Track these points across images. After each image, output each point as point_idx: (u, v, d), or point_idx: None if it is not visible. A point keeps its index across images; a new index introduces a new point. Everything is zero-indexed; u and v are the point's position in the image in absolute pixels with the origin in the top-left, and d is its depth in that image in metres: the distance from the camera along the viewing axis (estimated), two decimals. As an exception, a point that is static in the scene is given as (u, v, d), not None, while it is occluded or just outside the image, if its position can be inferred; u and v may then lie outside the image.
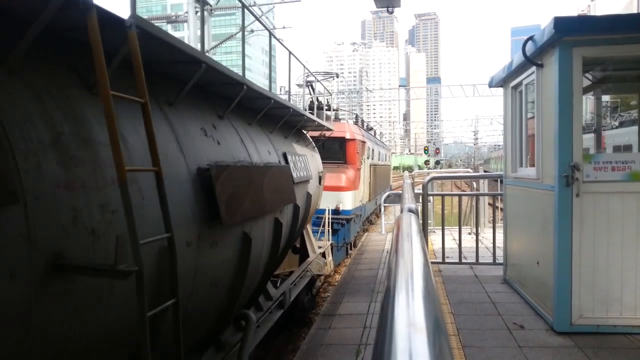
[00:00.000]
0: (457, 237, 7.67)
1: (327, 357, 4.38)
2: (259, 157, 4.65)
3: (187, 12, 11.63)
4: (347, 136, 12.98)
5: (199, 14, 10.72)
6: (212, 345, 3.85)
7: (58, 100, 2.15)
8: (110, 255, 2.10)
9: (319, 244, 8.95)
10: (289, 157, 5.78)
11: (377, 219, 14.03)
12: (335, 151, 12.34)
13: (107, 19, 2.19)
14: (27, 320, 1.80)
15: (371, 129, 24.01)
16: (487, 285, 6.21)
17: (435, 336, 0.80)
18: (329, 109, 11.26)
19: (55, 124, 2.06)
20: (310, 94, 10.61)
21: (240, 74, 3.82)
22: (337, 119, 14.25)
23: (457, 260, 7.31)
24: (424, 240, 1.76)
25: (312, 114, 7.87)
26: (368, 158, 15.83)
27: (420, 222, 3.64)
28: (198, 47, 10.17)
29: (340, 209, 12.20)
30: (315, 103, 10.11)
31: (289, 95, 7.48)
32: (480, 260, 7.20)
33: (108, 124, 2.12)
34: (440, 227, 7.87)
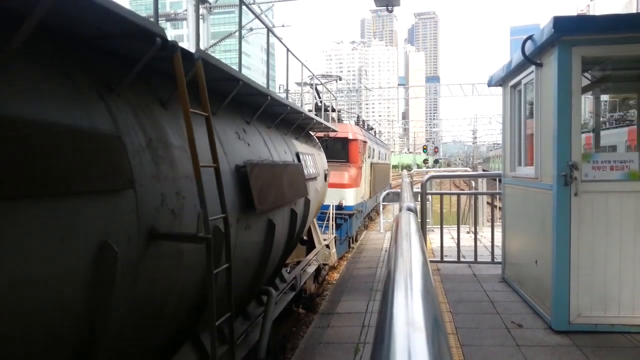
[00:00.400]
0: (455, 236, 7.68)
1: (326, 355, 4.38)
2: (278, 156, 5.38)
3: (186, 10, 11.61)
4: (350, 136, 13.64)
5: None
6: (241, 315, 4.49)
7: (147, 114, 2.90)
8: (183, 228, 2.92)
9: (323, 237, 9.46)
10: (301, 157, 6.49)
11: (377, 216, 14.16)
12: (338, 150, 12.97)
13: (174, 47, 2.82)
14: (136, 271, 2.53)
15: (371, 128, 24.89)
16: (486, 284, 6.22)
17: (434, 335, 0.80)
18: (332, 111, 11.84)
19: (147, 132, 2.80)
20: (315, 97, 11.11)
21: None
22: (339, 120, 14.79)
23: (455, 259, 7.32)
24: (423, 239, 1.76)
25: (318, 115, 8.48)
26: (369, 157, 16.48)
27: (419, 220, 3.64)
28: (200, 45, 10.14)
29: (343, 204, 12.89)
30: (322, 105, 10.55)
31: (287, 93, 7.50)
32: (478, 259, 7.21)
33: (187, 132, 2.85)
34: (439, 226, 7.88)
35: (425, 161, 51.47)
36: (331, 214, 11.09)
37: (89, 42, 2.64)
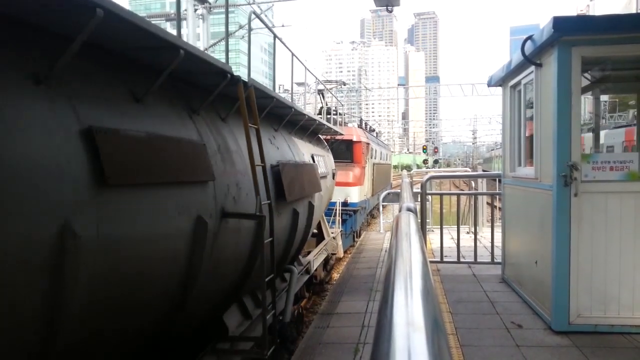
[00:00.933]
0: (455, 237, 7.68)
1: (325, 355, 4.38)
2: (299, 157, 6.44)
3: (186, 10, 11.62)
4: (354, 139, 14.73)
5: (198, 12, 10.70)
6: (269, 288, 5.22)
7: (215, 127, 4.02)
8: (240, 210, 3.98)
9: (331, 231, 10.53)
10: (315, 158, 7.60)
11: (378, 214, 14.38)
12: (343, 152, 13.87)
13: (238, 80, 3.94)
14: (215, 238, 3.55)
15: (373, 130, 26.27)
16: (485, 284, 6.22)
17: (433, 335, 0.80)
18: (337, 114, 12.67)
19: (216, 140, 3.90)
20: (321, 102, 11.89)
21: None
22: (344, 123, 16.01)
23: (455, 260, 7.32)
24: (423, 240, 1.76)
25: (328, 119, 9.55)
26: (371, 158, 17.56)
27: (419, 221, 3.64)
28: (197, 44, 10.15)
29: (348, 201, 14.07)
30: (333, 110, 10.91)
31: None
32: (478, 260, 7.21)
33: (247, 140, 4.04)
34: (439, 226, 7.88)
35: (425, 161, 51.46)
36: (337, 210, 12.01)
37: (183, 79, 3.75)
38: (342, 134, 10.80)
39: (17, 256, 1.93)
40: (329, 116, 11.13)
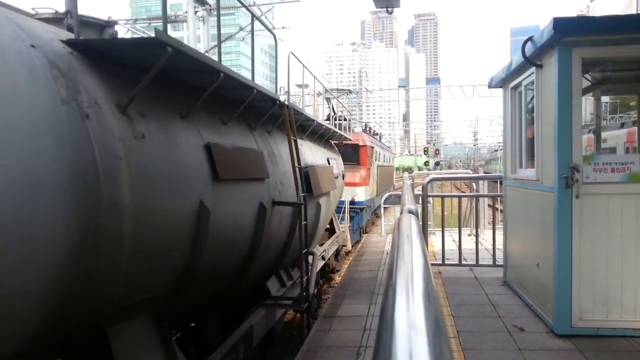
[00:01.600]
0: (457, 239, 7.66)
1: (327, 359, 4.37)
2: (319, 161, 7.81)
3: (186, 12, 11.60)
4: (360, 143, 16.32)
5: (198, 13, 10.72)
6: (295, 267, 6.62)
7: (264, 139, 5.39)
8: (283, 200, 5.35)
9: (341, 226, 11.87)
10: (330, 161, 8.98)
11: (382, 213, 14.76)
12: (350, 155, 15.23)
13: (283, 105, 5.34)
14: (269, 221, 4.93)
15: (377, 134, 28.41)
16: (487, 287, 6.20)
17: (435, 338, 0.79)
18: (344, 120, 13.90)
19: (266, 148, 5.26)
20: (330, 109, 13.15)
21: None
22: (351, 128, 17.42)
23: (457, 262, 7.31)
24: (424, 242, 1.75)
25: (335, 125, 11.04)
26: (376, 160, 19.20)
27: (420, 223, 3.63)
28: (197, 46, 10.17)
29: (355, 200, 15.43)
30: (340, 117, 12.56)
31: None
32: (480, 262, 7.19)
33: (290, 149, 5.52)
34: (440, 229, 7.87)
35: (426, 163, 51.46)
36: (346, 207, 13.29)
37: (246, 106, 4.70)
38: (350, 139, 11.86)
39: (181, 215, 3.32)
40: (336, 122, 12.17)
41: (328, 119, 11.85)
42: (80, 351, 2.99)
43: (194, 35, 10.63)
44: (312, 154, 7.44)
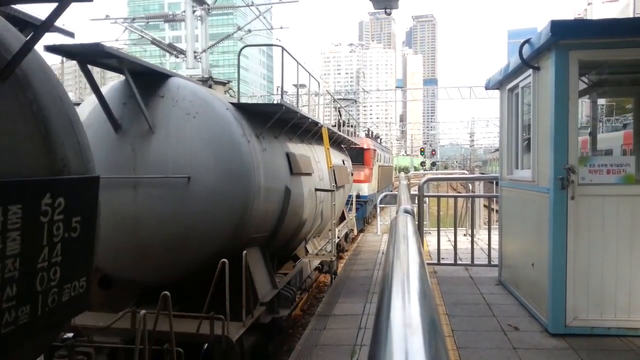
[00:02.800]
0: (452, 239, 7.68)
1: (322, 357, 4.38)
2: (338, 162, 10.61)
3: (184, 11, 11.59)
4: (365, 147, 19.34)
5: (196, 13, 10.70)
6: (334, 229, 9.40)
7: (310, 147, 8.58)
8: (321, 188, 8.32)
9: (349, 215, 14.50)
10: (344, 162, 11.90)
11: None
12: (356, 156, 17.65)
13: (322, 125, 8.37)
14: (317, 204, 8.26)
15: (378, 137, 32.41)
16: (482, 286, 6.22)
17: (431, 337, 0.80)
18: (350, 126, 16.58)
19: (313, 153, 8.55)
20: (338, 116, 15.15)
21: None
22: (355, 133, 20.63)
23: (452, 262, 7.33)
24: (420, 242, 1.76)
25: (344, 131, 13.33)
26: (377, 161, 22.39)
27: (416, 223, 3.64)
28: (195, 46, 10.14)
29: (360, 194, 18.12)
30: (347, 123, 15.69)
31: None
32: (475, 262, 7.22)
33: (326, 155, 8.52)
34: (436, 229, 7.89)
35: (423, 164, 51.50)
36: (353, 200, 15.37)
37: (295, 125, 7.08)
38: (357, 144, 15.16)
39: (278, 192, 6.19)
40: (344, 128, 14.15)
41: (336, 125, 14.03)
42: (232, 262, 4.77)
43: (191, 34, 10.61)
44: (334, 157, 9.82)
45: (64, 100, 2.77)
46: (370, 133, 28.74)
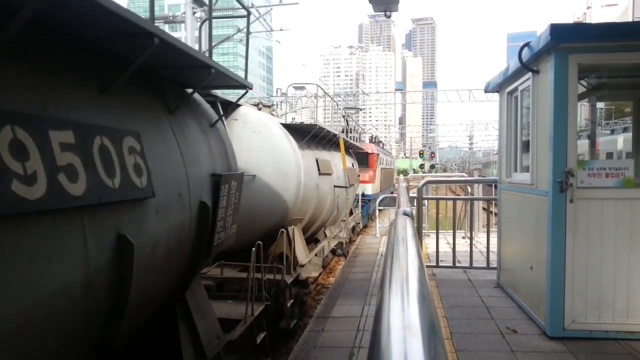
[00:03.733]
0: (451, 241, 7.68)
1: (320, 359, 4.37)
2: (350, 165, 12.88)
3: (184, 13, 11.59)
4: (369, 151, 22.22)
5: (196, 14, 10.71)
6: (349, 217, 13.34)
7: (330, 153, 11.17)
8: (338, 185, 11.08)
9: (355, 210, 17.23)
10: (354, 165, 14.29)
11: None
12: (362, 159, 20.34)
13: (339, 136, 11.72)
14: (335, 197, 10.90)
15: (380, 142, 36.03)
16: (481, 289, 6.22)
17: (430, 339, 0.80)
18: (356, 133, 18.84)
19: (332, 157, 11.07)
20: (345, 123, 17.18)
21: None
22: (360, 139, 23.39)
23: (451, 264, 7.33)
24: (419, 244, 1.76)
25: (351, 138, 15.38)
26: (380, 164, 25.00)
27: (415, 225, 3.64)
28: (195, 47, 10.16)
29: (365, 193, 20.50)
30: (356, 130, 18.69)
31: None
32: (474, 265, 7.22)
33: (342, 160, 11.47)
34: (435, 231, 7.89)
35: (422, 166, 51.54)
36: (359, 198, 17.13)
37: (317, 135, 9.89)
38: (362, 149, 18.61)
39: (311, 188, 8.47)
40: (351, 135, 15.97)
41: (344, 132, 15.87)
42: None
43: (191, 36, 10.62)
44: (347, 161, 12.36)
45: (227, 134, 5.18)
46: (373, 138, 32.06)
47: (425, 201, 9.78)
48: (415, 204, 7.57)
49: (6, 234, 1.92)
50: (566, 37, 4.22)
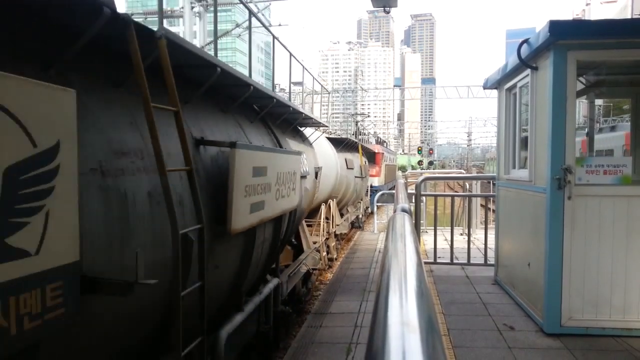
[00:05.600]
0: (449, 238, 7.70)
1: (318, 355, 4.38)
2: (363, 163, 18.22)
3: (182, 8, 11.54)
4: (376, 150, 27.36)
5: (194, 9, 10.67)
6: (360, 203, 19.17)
7: (353, 154, 17.32)
8: (359, 176, 16.98)
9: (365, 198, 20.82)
10: (365, 162, 19.03)
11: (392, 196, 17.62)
12: (369, 157, 23.77)
13: (358, 144, 19.55)
14: (352, 185, 15.64)
15: (384, 141, 41.76)
16: (478, 286, 6.24)
17: (428, 335, 0.80)
18: (364, 135, 26.48)
19: (355, 157, 17.11)
20: (356, 127, 21.18)
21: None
22: (369, 141, 31.03)
23: (448, 261, 7.34)
24: (417, 240, 1.76)
25: (360, 140, 22.65)
26: (384, 161, 29.46)
27: (413, 222, 3.65)
28: (194, 42, 10.12)
29: (372, 185, 24.18)
30: (363, 133, 27.86)
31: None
32: (471, 261, 7.23)
33: (360, 159, 18.22)
34: (433, 228, 7.90)
35: (420, 163, 51.53)
36: (368, 188, 21.26)
37: (353, 145, 17.02)
38: (370, 149, 23.25)
39: (346, 178, 13.69)
40: (360, 137, 20.69)
41: (355, 134, 21.94)
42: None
43: (190, 31, 10.58)
44: (361, 159, 16.76)
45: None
46: (379, 140, 38.64)
47: (424, 198, 9.80)
48: (413, 201, 7.58)
49: None
50: (565, 34, 4.21)
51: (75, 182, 1.91)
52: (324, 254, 11.94)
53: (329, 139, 12.69)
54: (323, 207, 10.89)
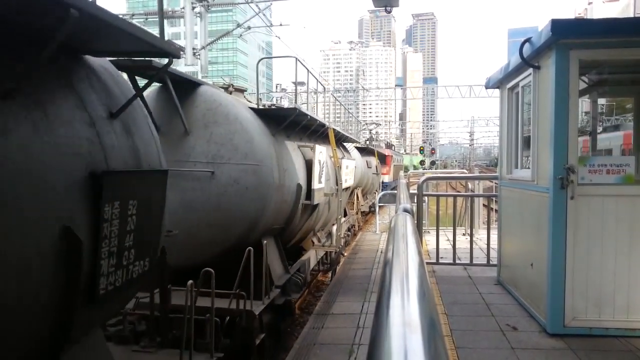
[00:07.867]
0: (451, 238, 7.68)
1: (320, 356, 4.37)
2: (377, 163, 23.48)
3: (183, 8, 11.56)
4: (386, 154, 31.80)
5: (195, 9, 10.68)
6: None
7: (369, 156, 22.03)
8: (375, 172, 22.11)
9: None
10: (379, 164, 24.29)
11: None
12: (381, 159, 27.40)
13: (375, 151, 24.06)
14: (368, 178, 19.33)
15: (392, 145, 47.54)
16: (481, 286, 6.22)
17: (430, 336, 0.79)
18: (376, 141, 28.42)
19: (371, 159, 22.59)
20: (370, 133, 25.75)
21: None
22: (380, 145, 34.14)
23: (451, 261, 7.32)
24: (419, 241, 1.75)
25: (374, 145, 25.25)
26: (393, 162, 34.54)
27: (415, 222, 3.64)
28: (194, 42, 10.13)
29: (383, 181, 27.99)
30: (375, 139, 31.03)
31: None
32: (474, 262, 7.21)
33: (376, 160, 22.79)
34: (435, 228, 7.88)
35: (422, 162, 51.48)
36: (380, 183, 25.39)
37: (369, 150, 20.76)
38: (382, 152, 27.15)
39: (367, 174, 18.08)
40: (374, 142, 23.87)
41: (369, 140, 23.92)
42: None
43: (190, 31, 10.58)
44: (376, 162, 20.88)
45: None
46: (388, 144, 44.33)
47: (426, 198, 9.79)
48: (415, 201, 7.56)
49: None
50: (567, 33, 4.19)
51: None
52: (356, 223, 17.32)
53: (358, 148, 17.11)
54: (356, 191, 15.05)
